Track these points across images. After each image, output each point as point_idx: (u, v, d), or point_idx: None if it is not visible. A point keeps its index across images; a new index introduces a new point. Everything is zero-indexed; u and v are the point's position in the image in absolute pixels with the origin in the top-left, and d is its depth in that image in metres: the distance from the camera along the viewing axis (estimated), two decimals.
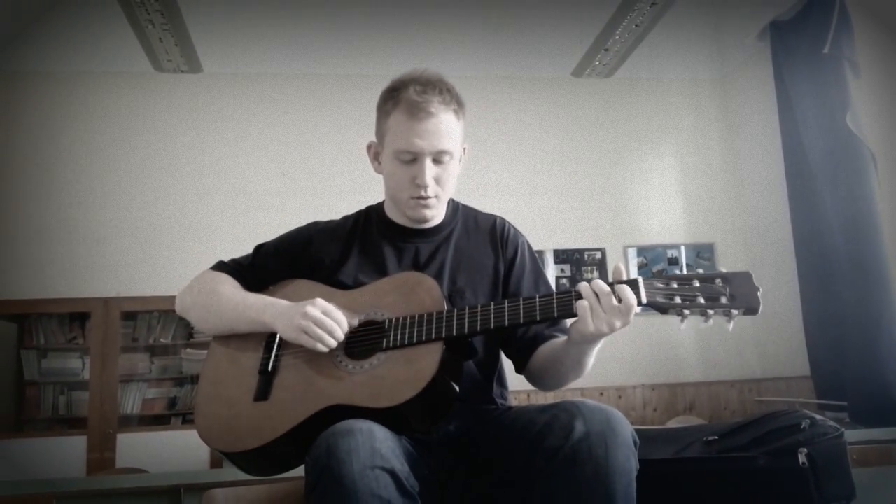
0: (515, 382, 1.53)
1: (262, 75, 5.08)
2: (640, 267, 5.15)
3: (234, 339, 1.44)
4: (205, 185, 4.89)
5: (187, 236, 4.72)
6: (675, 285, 1.21)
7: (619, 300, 1.18)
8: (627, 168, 5.31)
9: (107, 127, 4.91)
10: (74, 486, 2.64)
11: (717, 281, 1.21)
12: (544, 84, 5.29)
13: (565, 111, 5.32)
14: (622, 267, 1.24)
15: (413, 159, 1.39)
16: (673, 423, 4.42)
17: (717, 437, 1.50)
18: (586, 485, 1.10)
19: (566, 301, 1.23)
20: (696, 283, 1.21)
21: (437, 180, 1.41)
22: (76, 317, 4.74)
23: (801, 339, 4.33)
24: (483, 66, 5.03)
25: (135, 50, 4.65)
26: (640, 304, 1.19)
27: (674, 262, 5.19)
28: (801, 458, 1.35)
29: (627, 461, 1.12)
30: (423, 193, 1.40)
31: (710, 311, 1.19)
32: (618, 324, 1.19)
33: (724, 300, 1.19)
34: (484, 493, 1.32)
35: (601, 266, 5.12)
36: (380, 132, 1.46)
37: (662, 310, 1.21)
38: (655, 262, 5.18)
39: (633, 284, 1.20)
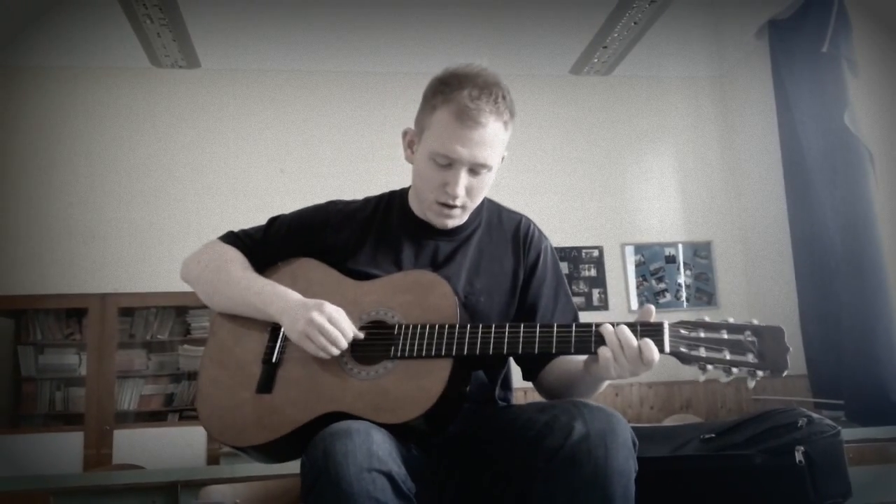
0: (516, 380, 1.52)
1: (261, 71, 5.07)
2: (638, 265, 5.16)
3: (239, 317, 1.41)
4: (203, 181, 4.88)
5: (185, 232, 4.71)
6: (702, 334, 1.15)
7: (641, 351, 1.14)
8: (625, 166, 5.31)
9: (105, 123, 4.90)
10: (71, 482, 2.64)
11: (747, 333, 1.14)
12: (542, 81, 5.29)
13: (563, 109, 5.32)
14: (652, 308, 1.19)
15: (448, 165, 1.31)
16: (670, 421, 4.43)
17: (713, 435, 1.50)
18: (585, 485, 1.10)
19: (585, 338, 1.20)
20: (725, 334, 1.15)
21: (469, 191, 1.34)
22: (73, 312, 4.73)
23: (798, 337, 4.33)
24: (481, 63, 5.01)
25: (132, 45, 4.64)
26: (662, 352, 1.15)
27: (671, 260, 5.20)
28: (798, 457, 1.35)
29: (626, 462, 1.11)
30: (450, 202, 1.33)
31: (735, 370, 1.13)
32: (639, 373, 1.16)
33: (751, 358, 1.13)
34: (482, 493, 1.31)
35: (599, 264, 5.12)
36: (420, 124, 1.36)
37: (685, 360, 1.16)
38: (653, 261, 5.18)
39: (657, 331, 1.15)
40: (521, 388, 1.50)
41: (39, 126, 4.84)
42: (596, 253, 5.14)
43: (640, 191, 5.29)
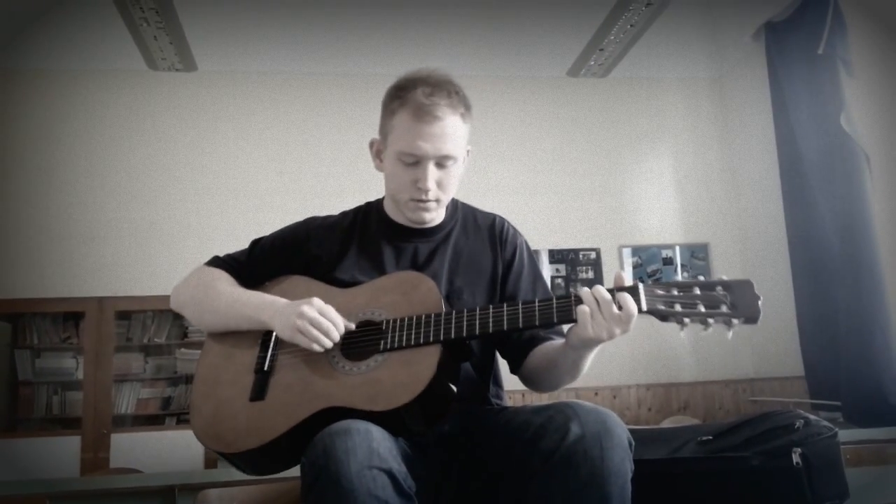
0: (511, 382, 1.53)
1: (258, 73, 5.07)
2: (635, 267, 5.16)
3: (229, 335, 1.43)
4: (201, 184, 4.88)
5: (182, 236, 4.71)
6: (676, 292, 1.20)
7: (620, 308, 1.17)
8: (623, 167, 5.31)
9: (102, 125, 4.89)
10: (68, 486, 2.63)
11: (718, 288, 1.20)
12: (540, 83, 5.30)
13: (561, 111, 5.33)
14: (623, 274, 1.23)
15: (416, 162, 1.37)
16: (667, 423, 4.43)
17: (711, 437, 1.50)
18: (581, 487, 1.10)
19: (565, 307, 1.22)
20: (697, 291, 1.20)
21: (439, 184, 1.39)
22: (70, 316, 4.72)
23: (796, 339, 4.34)
24: (479, 65, 5.02)
25: (130, 48, 4.64)
26: (640, 311, 1.18)
27: (668, 262, 5.20)
28: (795, 458, 1.35)
29: (622, 463, 1.12)
30: (423, 197, 1.39)
31: (711, 320, 1.18)
32: (617, 331, 1.18)
33: (724, 308, 1.18)
34: (479, 494, 1.31)
35: (596, 266, 5.12)
36: (383, 130, 1.43)
37: (662, 317, 1.20)
38: (650, 263, 5.19)
39: (633, 291, 1.19)
40: (519, 390, 1.51)
41: (36, 128, 4.83)
42: (593, 255, 5.14)
43: (637, 192, 5.29)
